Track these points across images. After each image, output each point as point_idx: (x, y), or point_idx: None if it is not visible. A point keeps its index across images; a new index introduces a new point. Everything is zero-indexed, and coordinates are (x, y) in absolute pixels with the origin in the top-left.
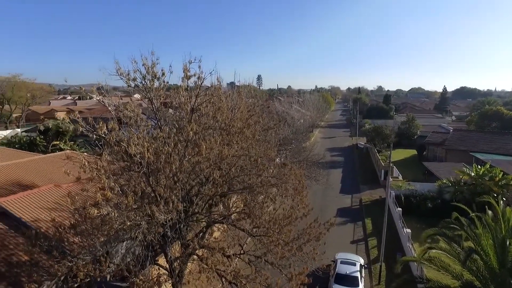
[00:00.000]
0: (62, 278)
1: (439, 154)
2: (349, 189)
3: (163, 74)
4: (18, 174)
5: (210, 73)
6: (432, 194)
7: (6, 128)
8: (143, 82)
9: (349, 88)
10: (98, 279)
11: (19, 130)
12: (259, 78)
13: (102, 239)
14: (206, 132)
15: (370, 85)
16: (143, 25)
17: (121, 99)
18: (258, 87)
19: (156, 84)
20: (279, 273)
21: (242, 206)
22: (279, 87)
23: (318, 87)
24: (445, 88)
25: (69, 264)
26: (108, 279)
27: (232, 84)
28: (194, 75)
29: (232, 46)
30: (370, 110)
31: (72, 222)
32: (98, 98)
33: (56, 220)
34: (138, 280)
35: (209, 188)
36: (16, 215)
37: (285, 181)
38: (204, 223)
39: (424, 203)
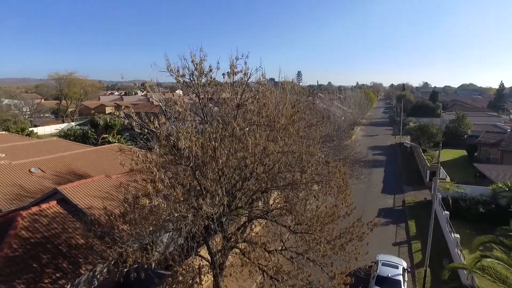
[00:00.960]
0: (113, 262)
1: (494, 156)
2: (392, 189)
3: (210, 70)
4: (74, 164)
5: (256, 69)
6: (484, 199)
7: (63, 122)
8: (191, 78)
9: (392, 85)
10: (145, 266)
11: (73, 123)
12: (299, 74)
13: (150, 229)
14: (250, 127)
15: (415, 82)
16: (193, 23)
17: (164, 94)
18: (298, 83)
19: (204, 80)
20: (320, 271)
21: (283, 202)
22: (319, 83)
23: (359, 83)
24: (502, 84)
25: (119, 250)
26: (153, 267)
27: (272, 80)
28: (241, 71)
29: (269, 40)
30: (415, 108)
31: (121, 211)
32: (145, 94)
33: (107, 208)
34: (181, 270)
35: (253, 183)
36: (74, 202)
37: (329, 179)
38: (245, 217)
39: (475, 208)
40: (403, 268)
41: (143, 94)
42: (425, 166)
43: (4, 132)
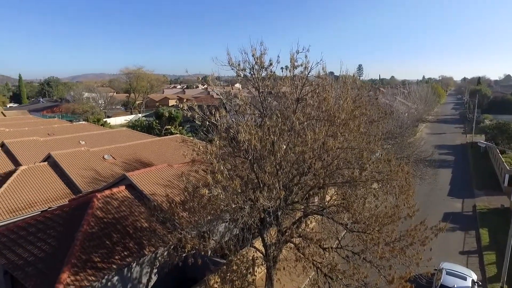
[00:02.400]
0: (172, 246)
1: None
2: (460, 192)
3: (270, 64)
4: (140, 153)
5: (317, 63)
6: None
7: (131, 113)
8: (251, 72)
9: (464, 78)
10: (202, 253)
11: (140, 115)
12: (359, 68)
13: (208, 217)
14: (310, 122)
15: (494, 75)
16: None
17: (224, 88)
18: (359, 77)
19: (263, 74)
20: (377, 274)
21: (340, 199)
22: (381, 77)
23: (426, 77)
24: None
25: (178, 235)
26: (209, 254)
27: (332, 74)
28: (301, 65)
29: (330, 32)
30: (493, 104)
31: (181, 199)
32: (205, 87)
33: (169, 195)
34: (236, 259)
35: (310, 179)
36: (140, 188)
37: (391, 178)
38: (301, 212)
39: None
40: (473, 280)
41: (204, 87)
42: (503, 169)
43: (84, 122)
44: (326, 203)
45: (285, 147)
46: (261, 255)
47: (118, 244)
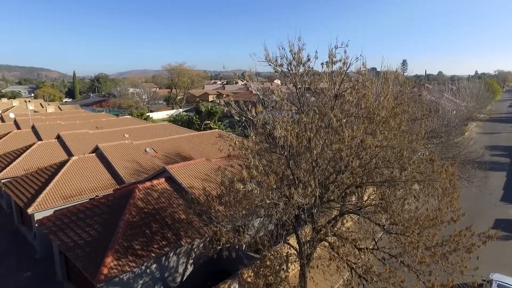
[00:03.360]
0: (208, 239)
1: None
2: None
3: (308, 59)
4: (179, 147)
5: (356, 58)
6: None
7: (172, 108)
8: (289, 68)
9: None
10: (236, 247)
11: (181, 110)
12: (404, 63)
13: (243, 212)
14: (348, 119)
15: None
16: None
17: (263, 84)
18: (402, 73)
19: (301, 69)
20: (416, 279)
21: (378, 199)
22: (427, 73)
23: (479, 72)
24: None
25: (214, 228)
26: (243, 248)
27: (373, 70)
28: (340, 60)
29: (371, 26)
30: None
31: (218, 193)
32: (244, 83)
33: (206, 189)
34: (269, 255)
35: (347, 177)
36: (178, 181)
37: (433, 179)
38: (337, 211)
39: None
40: None
41: (243, 83)
42: None
43: (128, 116)
44: (364, 202)
45: (321, 144)
46: (295, 252)
47: (157, 233)
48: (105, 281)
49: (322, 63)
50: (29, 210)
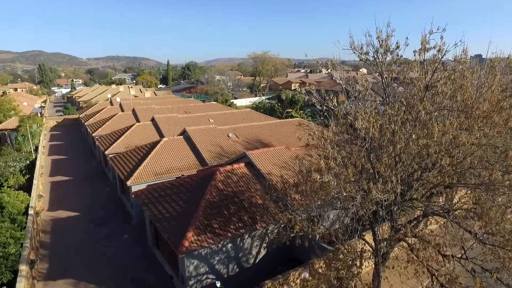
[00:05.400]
0: (282, 225)
1: None
2: None
3: (397, 47)
4: (260, 133)
5: (455, 44)
6: None
7: (255, 96)
8: (375, 56)
9: None
10: (310, 236)
11: (263, 97)
12: None
13: (319, 202)
14: (439, 113)
15: None
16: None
17: (348, 73)
18: None
19: (389, 58)
20: None
21: (471, 203)
22: None
23: None
24: None
25: (289, 216)
26: (317, 239)
27: (478, 57)
28: (434, 47)
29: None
30: None
31: (295, 181)
32: (328, 72)
33: (283, 177)
34: (343, 248)
35: (434, 176)
36: (257, 167)
37: None
38: (420, 211)
39: None
40: None
41: (326, 72)
42: None
43: (214, 102)
44: (453, 205)
45: (406, 138)
46: (370, 249)
47: (234, 215)
48: (186, 253)
49: (414, 51)
50: (128, 183)
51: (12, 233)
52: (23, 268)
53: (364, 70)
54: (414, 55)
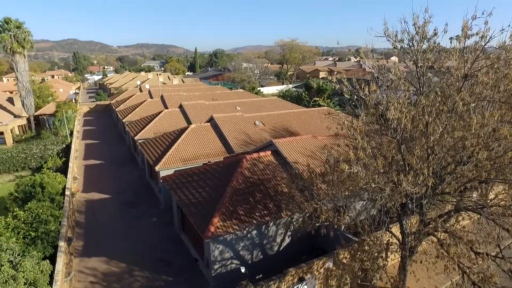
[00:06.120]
0: (308, 214)
1: None
2: None
3: (435, 34)
4: (287, 122)
5: (502, 30)
6: None
7: (282, 84)
8: (410, 44)
9: None
10: (335, 226)
11: (290, 85)
12: None
13: (346, 193)
14: (478, 104)
15: None
16: None
17: (378, 61)
18: None
19: (425, 45)
20: None
21: (510, 200)
22: None
23: None
24: None
25: (315, 205)
26: (342, 229)
27: None
28: (477, 33)
29: None
30: None
31: (322, 171)
32: (358, 60)
33: (310, 166)
34: (369, 240)
35: (470, 170)
36: (284, 155)
37: None
38: (451, 206)
39: None
40: None
41: (356, 60)
42: None
43: (240, 89)
44: (489, 201)
45: (441, 130)
46: (397, 242)
47: (259, 202)
48: (211, 238)
49: (451, 38)
50: (157, 168)
51: (52, 212)
52: (62, 244)
53: (395, 58)
54: (451, 42)
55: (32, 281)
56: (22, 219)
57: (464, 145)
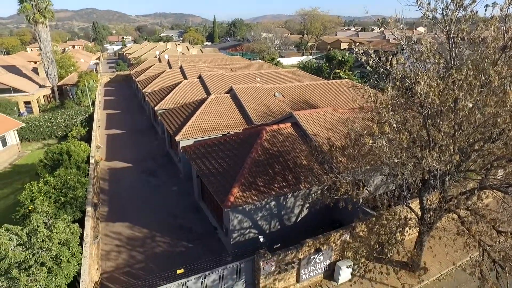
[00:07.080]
0: (326, 187)
1: None
2: None
3: (473, 1)
4: (307, 94)
5: None
6: None
7: (302, 55)
8: (443, 13)
9: None
10: (353, 200)
11: (311, 57)
12: None
13: (366, 167)
14: None
15: None
16: None
17: (403, 32)
18: None
19: (461, 14)
20: None
21: None
22: None
23: None
24: None
25: (334, 178)
26: (360, 203)
27: None
28: None
29: None
30: None
31: (342, 144)
32: (381, 31)
33: (330, 139)
34: (387, 214)
35: (498, 147)
36: (304, 127)
37: None
38: (474, 183)
39: None
40: None
41: (379, 31)
42: None
43: (260, 60)
44: None
45: (471, 105)
46: (416, 217)
47: (278, 174)
48: (231, 208)
49: (486, 5)
50: (177, 138)
51: (79, 179)
52: (89, 209)
53: (422, 29)
54: (486, 10)
55: (64, 242)
56: (52, 184)
57: (495, 122)
